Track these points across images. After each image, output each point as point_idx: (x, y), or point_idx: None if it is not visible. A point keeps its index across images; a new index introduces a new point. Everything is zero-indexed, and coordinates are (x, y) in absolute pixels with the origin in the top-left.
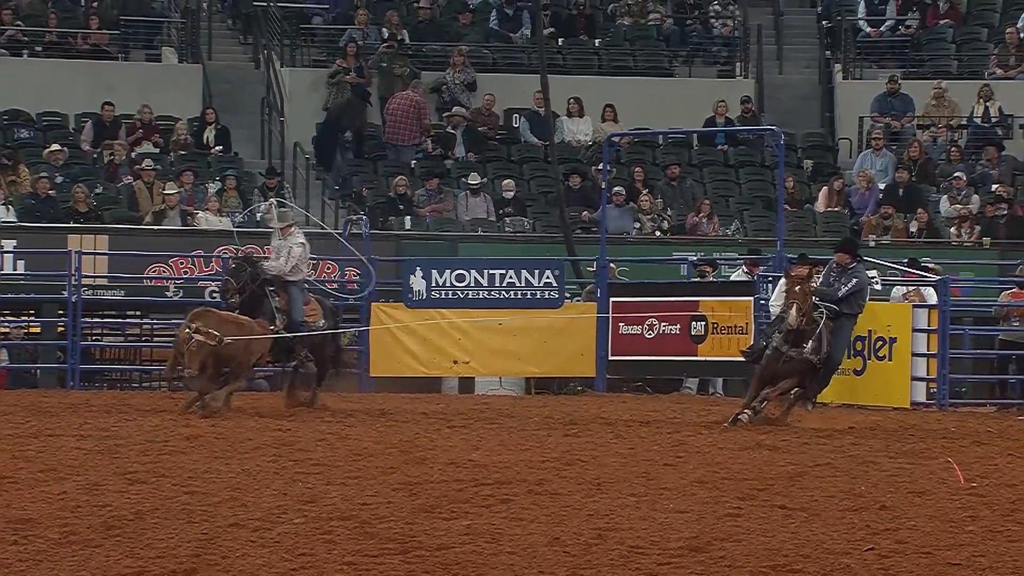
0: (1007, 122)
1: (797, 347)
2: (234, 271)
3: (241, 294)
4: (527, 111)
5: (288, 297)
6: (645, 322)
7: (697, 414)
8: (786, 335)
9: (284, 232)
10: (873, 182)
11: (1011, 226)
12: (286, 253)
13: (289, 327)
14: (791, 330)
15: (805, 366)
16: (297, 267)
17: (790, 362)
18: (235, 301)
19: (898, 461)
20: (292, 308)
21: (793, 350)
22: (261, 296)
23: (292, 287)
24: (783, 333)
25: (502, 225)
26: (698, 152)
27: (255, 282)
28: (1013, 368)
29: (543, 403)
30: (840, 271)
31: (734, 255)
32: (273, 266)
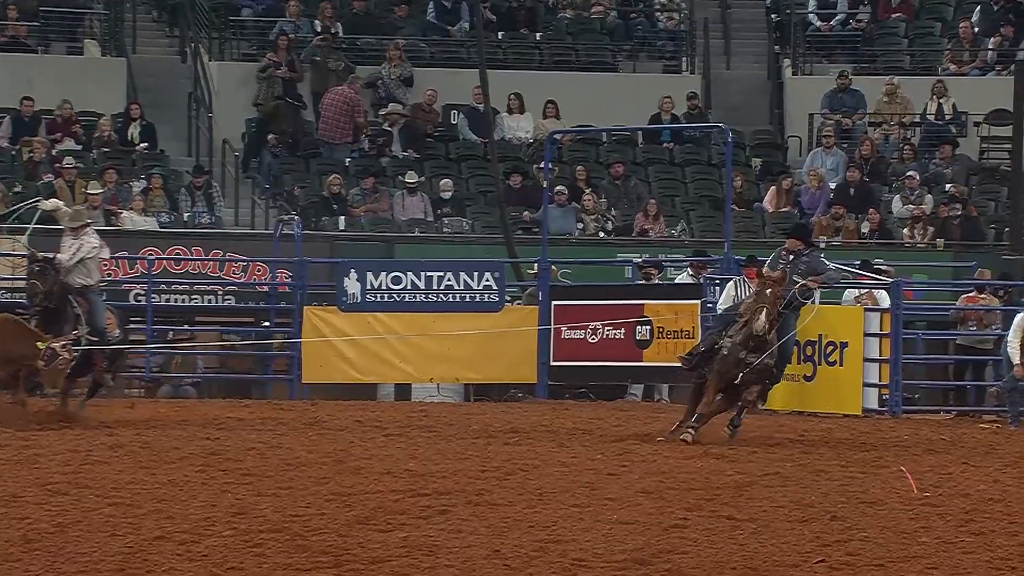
0: (961, 120)
1: (759, 353)
2: (39, 274)
3: (49, 297)
4: (466, 107)
5: (89, 304)
6: (588, 326)
7: (642, 422)
8: (746, 340)
9: (78, 232)
10: (823, 181)
11: (965, 227)
12: (75, 248)
13: (92, 335)
14: (755, 336)
15: (766, 374)
16: (86, 265)
17: (751, 370)
18: (42, 305)
19: (849, 470)
20: (94, 316)
21: (753, 356)
22: (64, 302)
23: (91, 294)
24: (742, 338)
25: (440, 226)
26: (643, 150)
27: (58, 286)
28: (969, 374)
29: (483, 410)
30: (794, 258)
31: (680, 257)
32: (59, 257)
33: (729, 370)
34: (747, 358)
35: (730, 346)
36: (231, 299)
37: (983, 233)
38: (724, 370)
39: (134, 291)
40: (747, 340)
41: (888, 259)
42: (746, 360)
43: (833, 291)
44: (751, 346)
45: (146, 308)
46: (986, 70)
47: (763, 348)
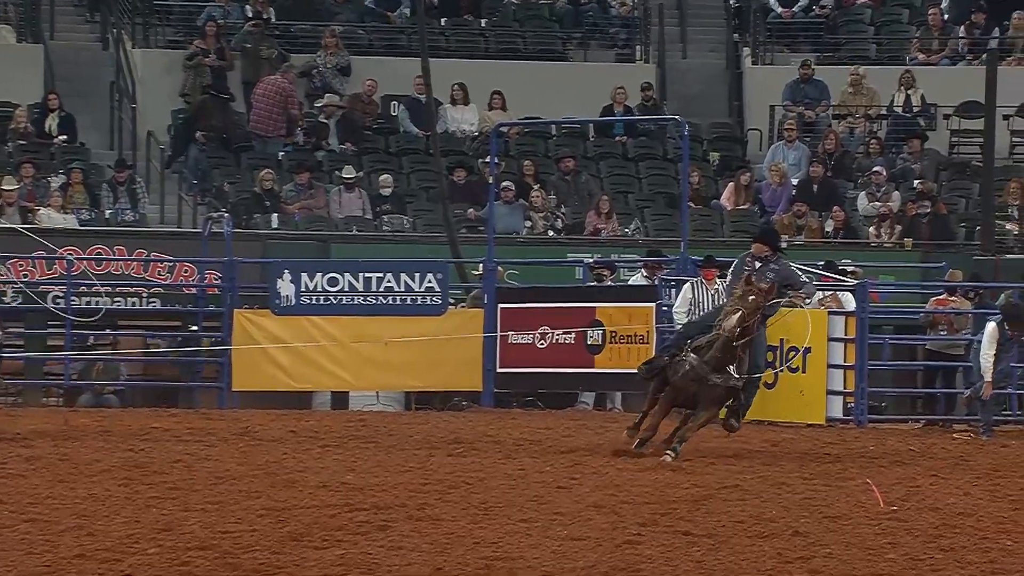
0: (930, 112)
1: (721, 372)
2: None
3: None
4: (407, 98)
5: None
6: (536, 331)
7: (594, 431)
8: (710, 358)
9: None
10: (785, 177)
11: (935, 226)
12: None
13: None
14: (716, 352)
15: (730, 394)
16: None
17: (713, 389)
18: None
19: (812, 483)
20: None
21: (718, 376)
22: None
23: None
24: (704, 355)
25: (379, 224)
26: (594, 144)
27: None
28: (939, 381)
29: (424, 420)
30: (761, 265)
31: (634, 257)
32: None
33: (688, 387)
34: (711, 378)
35: (696, 363)
36: (156, 302)
37: (953, 232)
38: (683, 385)
39: (52, 293)
40: (711, 358)
41: (853, 259)
42: (709, 380)
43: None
44: (714, 363)
45: (65, 311)
46: (956, 59)
47: (726, 365)
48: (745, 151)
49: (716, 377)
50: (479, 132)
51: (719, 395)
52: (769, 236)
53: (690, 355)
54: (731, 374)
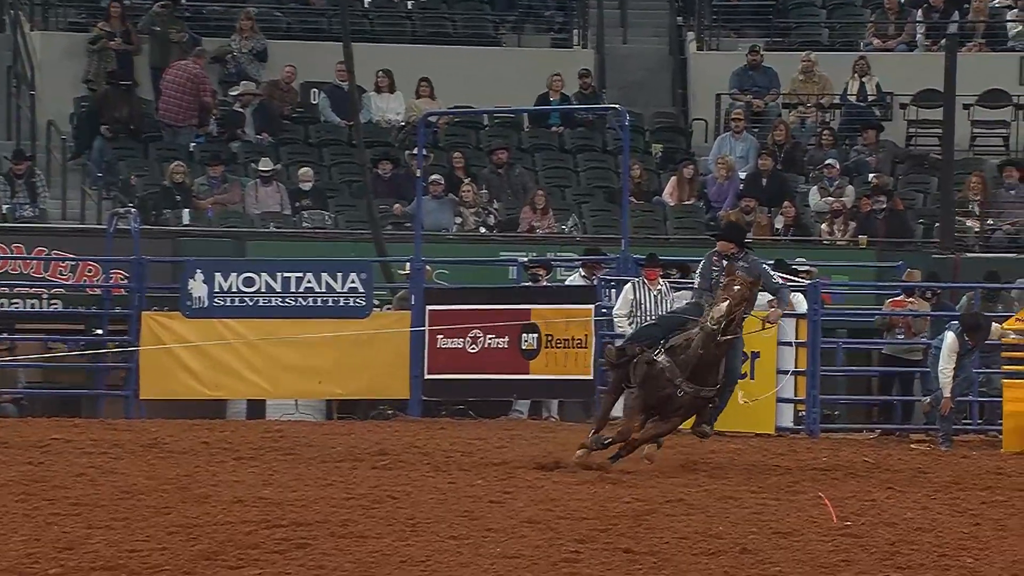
0: (886, 101)
1: (698, 384)
2: None
3: None
4: (328, 85)
5: None
6: (467, 334)
7: (529, 442)
8: (686, 360)
9: None
10: (732, 170)
11: (891, 222)
12: None
13: None
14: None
15: (701, 403)
16: None
17: (682, 398)
18: None
19: (761, 497)
20: None
21: (689, 387)
22: None
23: None
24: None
25: (299, 220)
26: (529, 135)
27: None
28: (896, 388)
29: (347, 430)
30: (729, 263)
31: (571, 255)
32: None
33: (659, 390)
34: (683, 386)
35: (668, 366)
36: (58, 304)
37: (910, 229)
38: (652, 389)
39: None
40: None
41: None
42: (682, 387)
43: None
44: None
45: None
46: (914, 45)
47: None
48: (689, 143)
49: (688, 386)
50: (406, 122)
51: (687, 405)
52: (734, 232)
53: (661, 356)
54: (704, 385)
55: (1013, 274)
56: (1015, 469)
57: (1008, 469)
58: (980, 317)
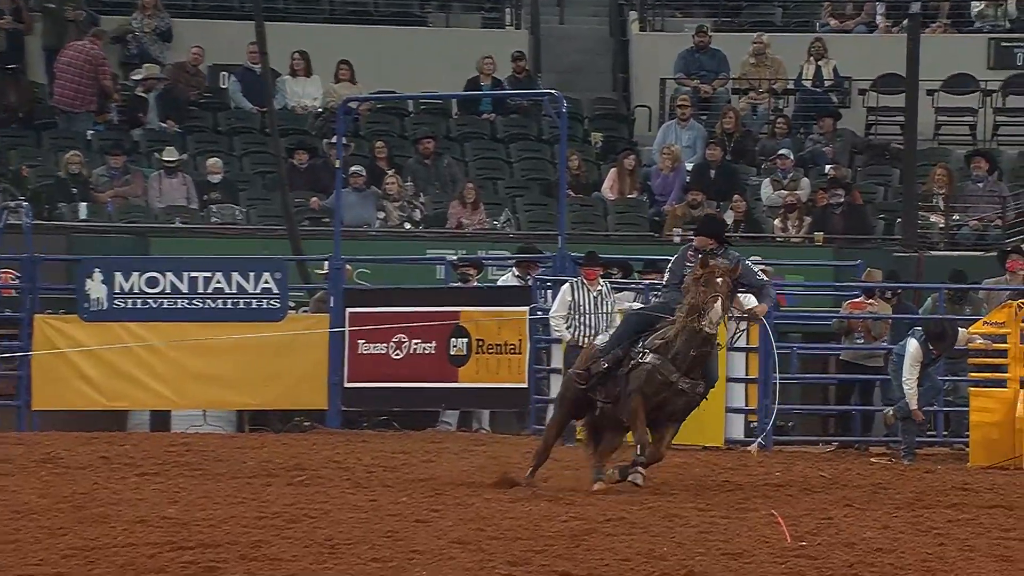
0: (844, 86)
1: (694, 378)
2: None
3: None
4: (239, 68)
5: None
6: (391, 339)
7: (458, 456)
8: (674, 358)
9: None
10: (678, 161)
11: (849, 218)
12: None
13: None
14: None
15: (694, 405)
16: None
17: (680, 397)
18: None
19: (710, 515)
20: None
21: (687, 382)
22: None
23: None
24: (670, 356)
25: (207, 215)
26: (458, 122)
27: None
28: (855, 397)
29: (260, 443)
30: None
31: (504, 253)
32: None
33: (658, 392)
34: (680, 383)
35: (659, 364)
36: None
37: (870, 225)
38: (651, 392)
39: None
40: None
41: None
42: (678, 385)
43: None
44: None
45: None
46: (873, 27)
47: (698, 369)
48: (632, 131)
49: (685, 382)
50: (324, 108)
51: (687, 405)
52: (713, 226)
53: (649, 356)
54: (699, 380)
55: (981, 274)
56: (982, 485)
57: (975, 485)
58: (946, 324)
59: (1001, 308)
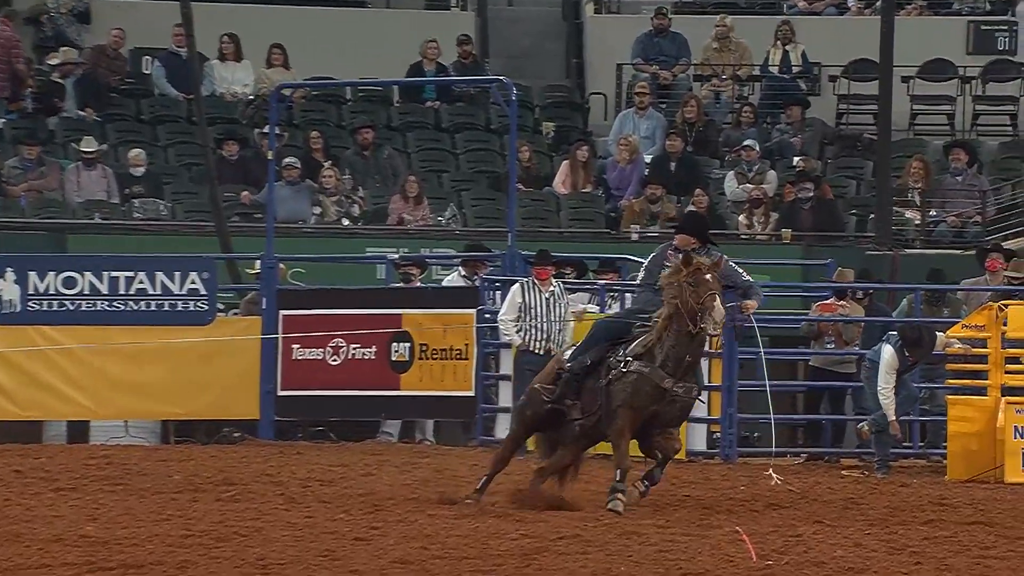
0: (813, 72)
1: (686, 381)
2: None
3: None
4: (163, 52)
5: None
6: (328, 344)
7: (400, 469)
8: (664, 363)
9: None
10: (636, 152)
11: (819, 213)
12: None
13: None
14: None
15: (689, 410)
16: None
17: (674, 405)
18: None
19: (669, 532)
20: None
21: (680, 386)
22: None
23: None
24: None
25: (128, 209)
26: (400, 111)
27: None
28: (824, 405)
29: (187, 455)
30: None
31: (450, 251)
32: None
33: (648, 404)
34: (673, 389)
35: (648, 371)
36: None
37: (842, 221)
38: (641, 404)
39: None
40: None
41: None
42: (672, 392)
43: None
44: (675, 370)
45: None
46: (845, 9)
47: (691, 372)
48: (586, 121)
49: (679, 387)
50: (255, 95)
51: (682, 411)
52: (696, 224)
53: (634, 365)
54: (692, 384)
55: (959, 273)
56: (961, 499)
57: (953, 499)
58: (922, 329)
59: (981, 310)
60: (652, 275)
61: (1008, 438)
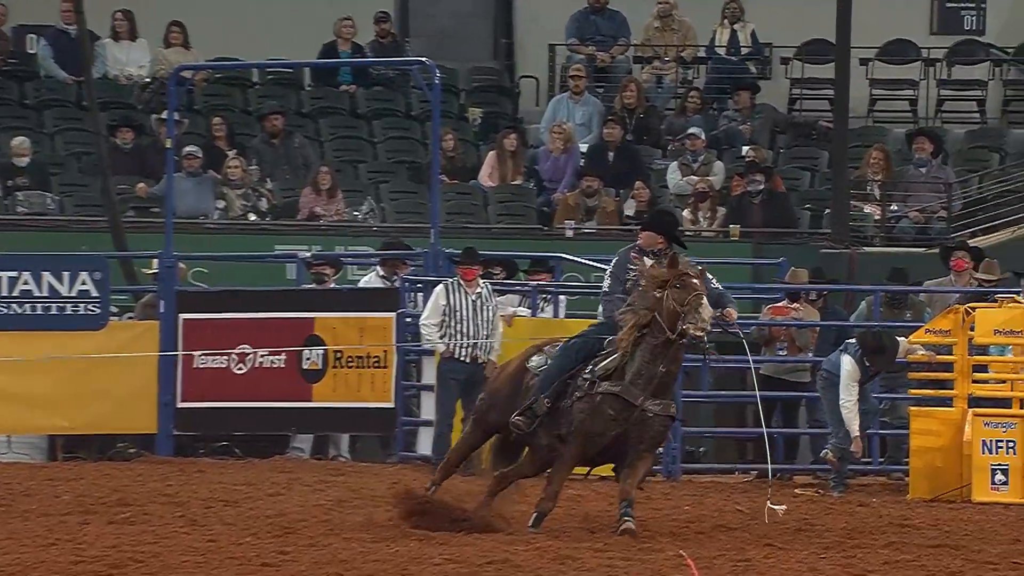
0: (764, 54)
1: (662, 397)
2: None
3: None
4: (50, 30)
5: None
6: (233, 351)
7: (312, 488)
8: (635, 379)
9: None
10: (571, 141)
11: (770, 208)
12: None
13: None
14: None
15: (666, 431)
16: None
17: (647, 425)
18: None
19: (607, 556)
20: None
21: (656, 404)
22: None
23: None
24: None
25: (11, 203)
26: (312, 95)
27: None
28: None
29: (76, 474)
30: (653, 262)
31: (367, 249)
32: None
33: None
34: (647, 407)
35: (617, 390)
36: None
37: (795, 216)
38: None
39: None
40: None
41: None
42: (645, 411)
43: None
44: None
45: None
46: None
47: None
48: (516, 106)
49: (654, 405)
50: (152, 78)
51: (659, 433)
52: (663, 222)
53: (602, 384)
54: (669, 401)
55: (923, 273)
56: (924, 520)
57: (916, 520)
58: (884, 336)
59: (946, 313)
60: (619, 281)
61: (975, 453)
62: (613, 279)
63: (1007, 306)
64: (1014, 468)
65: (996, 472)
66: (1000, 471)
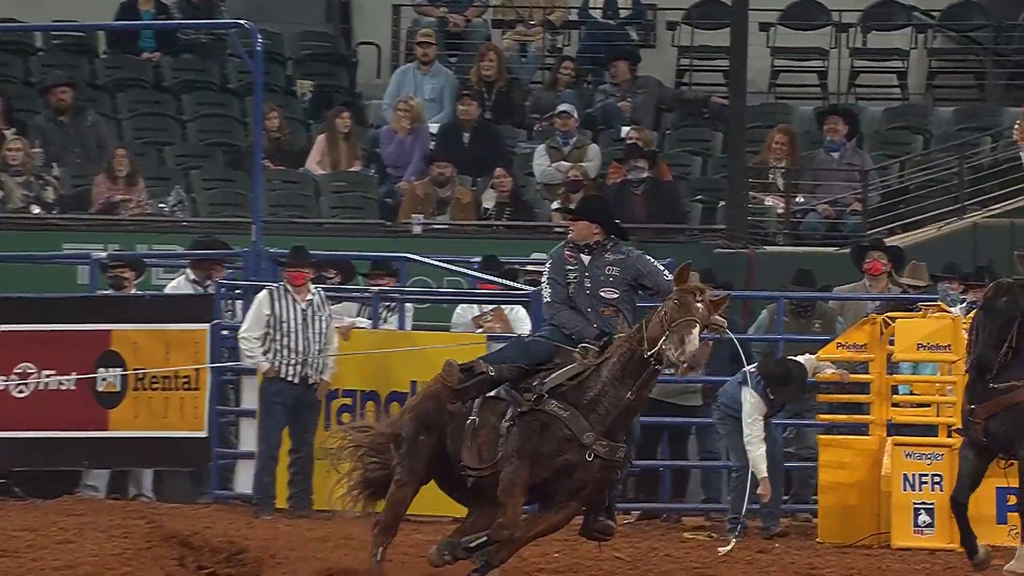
0: (647, 18)
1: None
2: None
3: None
4: None
5: None
6: (12, 370)
7: (107, 534)
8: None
9: None
10: (419, 120)
11: (654, 199)
12: None
13: None
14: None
15: (610, 479)
16: None
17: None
18: None
19: None
20: None
21: (604, 445)
22: None
23: None
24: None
25: None
26: (108, 64)
27: None
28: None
29: None
30: (591, 257)
31: (175, 248)
32: None
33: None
34: (593, 446)
35: (566, 415)
36: None
37: (683, 209)
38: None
39: None
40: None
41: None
42: (591, 450)
43: (409, 308)
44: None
45: None
46: None
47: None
48: (354, 79)
49: (601, 446)
50: None
51: (601, 479)
52: (595, 208)
53: (551, 403)
54: (620, 443)
55: (834, 277)
56: (836, 569)
57: (825, 569)
58: (786, 365)
59: (861, 325)
60: (558, 284)
61: (895, 490)
62: (553, 284)
63: (932, 316)
64: (940, 507)
65: (920, 512)
66: (924, 511)
